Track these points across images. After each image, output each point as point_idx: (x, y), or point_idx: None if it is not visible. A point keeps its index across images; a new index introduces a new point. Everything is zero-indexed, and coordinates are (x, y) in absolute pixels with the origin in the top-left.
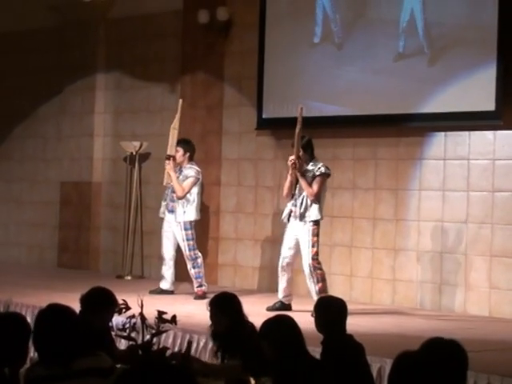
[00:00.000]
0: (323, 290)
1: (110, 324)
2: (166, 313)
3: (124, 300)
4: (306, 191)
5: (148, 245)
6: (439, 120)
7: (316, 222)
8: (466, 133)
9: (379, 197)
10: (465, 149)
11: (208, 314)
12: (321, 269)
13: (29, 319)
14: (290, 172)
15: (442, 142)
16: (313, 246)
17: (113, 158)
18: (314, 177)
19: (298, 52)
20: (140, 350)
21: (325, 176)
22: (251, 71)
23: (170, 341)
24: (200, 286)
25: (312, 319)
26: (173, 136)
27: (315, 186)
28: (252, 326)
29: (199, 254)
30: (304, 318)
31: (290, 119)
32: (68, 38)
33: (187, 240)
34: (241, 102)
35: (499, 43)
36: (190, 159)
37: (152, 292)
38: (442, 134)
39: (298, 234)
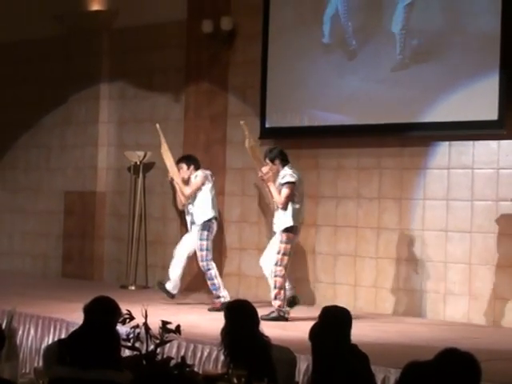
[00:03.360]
0: (279, 296)
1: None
2: (170, 323)
3: (128, 310)
4: (275, 200)
5: (152, 254)
6: (443, 129)
7: (287, 230)
8: (470, 142)
9: (383, 206)
10: (469, 158)
11: (213, 323)
12: (281, 277)
13: (32, 330)
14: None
15: (446, 152)
16: (278, 253)
17: (117, 168)
18: (282, 185)
19: (302, 62)
20: (144, 360)
21: (289, 184)
22: (255, 81)
23: (174, 351)
24: (217, 297)
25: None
26: (167, 158)
27: (282, 194)
28: (267, 340)
29: (212, 265)
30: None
31: (294, 128)
32: (72, 47)
33: (200, 240)
34: (245, 111)
35: (502, 52)
36: (197, 169)
37: (159, 284)
38: (446, 143)
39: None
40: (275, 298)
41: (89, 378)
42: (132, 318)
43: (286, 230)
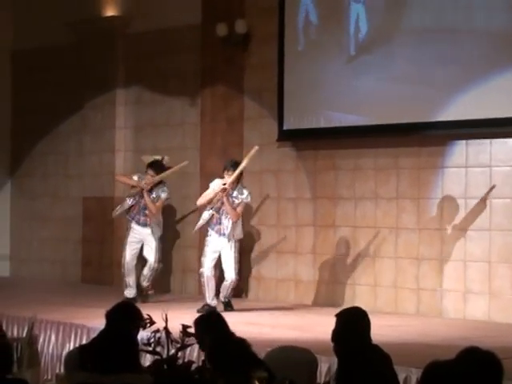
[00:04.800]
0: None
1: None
2: (190, 327)
3: (148, 315)
4: (231, 214)
5: (172, 259)
6: (459, 127)
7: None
8: (488, 140)
9: (402, 206)
10: (486, 156)
11: (231, 327)
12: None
13: (53, 336)
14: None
15: (463, 150)
16: (236, 263)
17: (134, 173)
18: (241, 202)
19: (318, 63)
20: (165, 365)
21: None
22: (271, 83)
23: (194, 355)
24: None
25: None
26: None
27: (239, 209)
28: (241, 341)
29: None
30: None
31: (311, 130)
32: (87, 54)
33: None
34: (261, 114)
35: None
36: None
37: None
38: (464, 142)
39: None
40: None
41: (109, 383)
42: (152, 323)
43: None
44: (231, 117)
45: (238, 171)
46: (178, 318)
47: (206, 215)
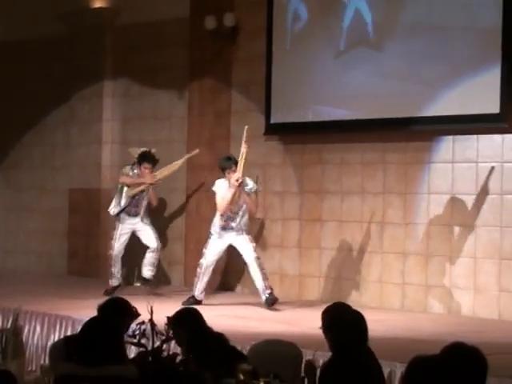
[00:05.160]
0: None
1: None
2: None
3: (134, 307)
4: (252, 206)
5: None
6: (446, 123)
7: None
8: (474, 136)
9: (388, 201)
10: (473, 152)
11: (219, 319)
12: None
13: (38, 327)
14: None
15: (450, 146)
16: (255, 251)
17: (121, 165)
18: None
19: (306, 57)
20: (150, 357)
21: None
22: (259, 77)
23: (179, 347)
24: None
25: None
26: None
27: (255, 200)
28: (219, 336)
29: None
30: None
31: (298, 124)
32: (75, 45)
33: None
34: (249, 107)
35: (504, 45)
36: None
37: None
38: (450, 137)
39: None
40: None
41: (94, 375)
42: (137, 315)
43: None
44: (219, 110)
45: (242, 160)
46: (163, 310)
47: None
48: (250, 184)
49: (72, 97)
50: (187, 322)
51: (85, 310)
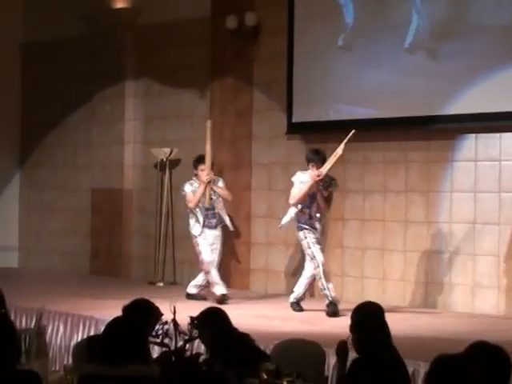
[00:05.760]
0: None
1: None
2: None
3: (157, 306)
4: (323, 205)
5: (180, 250)
6: (469, 121)
7: None
8: (497, 134)
9: (410, 199)
10: (496, 150)
11: (242, 319)
12: None
13: (61, 327)
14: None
15: (472, 144)
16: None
17: (143, 165)
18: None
19: (327, 55)
20: (173, 357)
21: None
22: (280, 75)
23: (203, 347)
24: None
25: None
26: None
27: (328, 201)
28: (243, 335)
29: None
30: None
31: (320, 123)
32: (97, 46)
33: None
34: (270, 106)
35: None
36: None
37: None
38: (473, 135)
39: None
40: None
41: (117, 374)
42: (160, 315)
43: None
44: (240, 109)
45: (334, 159)
46: (186, 309)
47: (292, 212)
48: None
49: (94, 97)
50: (212, 322)
51: (107, 310)
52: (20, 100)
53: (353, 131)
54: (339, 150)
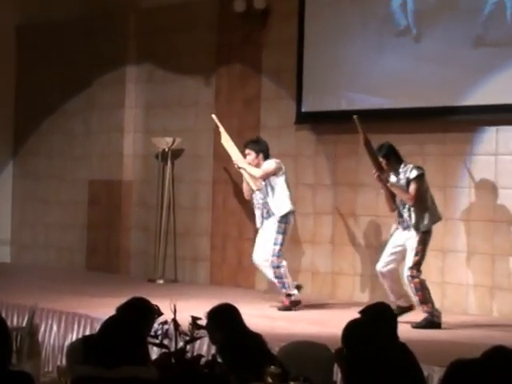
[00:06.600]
0: (423, 299)
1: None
2: (200, 318)
3: (156, 305)
4: (404, 198)
5: (181, 246)
6: (490, 112)
7: (424, 233)
8: None
9: None
10: None
11: (246, 319)
12: (418, 277)
13: (55, 326)
14: (381, 186)
15: (493, 137)
16: (416, 255)
17: (144, 155)
18: (409, 182)
19: (340, 41)
20: (173, 358)
21: (418, 179)
22: (290, 62)
23: (204, 348)
24: (288, 295)
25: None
26: (230, 146)
27: (411, 191)
28: (256, 336)
29: (283, 263)
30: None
31: (331, 113)
32: (97, 29)
33: (277, 234)
34: (279, 94)
35: None
36: (266, 159)
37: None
38: (493, 128)
39: (405, 242)
40: (420, 303)
41: (113, 376)
42: (160, 314)
43: (424, 233)
44: (248, 97)
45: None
46: (187, 309)
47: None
48: (413, 171)
49: (93, 82)
50: (225, 320)
51: (104, 309)
52: (14, 85)
53: (355, 117)
54: (363, 141)
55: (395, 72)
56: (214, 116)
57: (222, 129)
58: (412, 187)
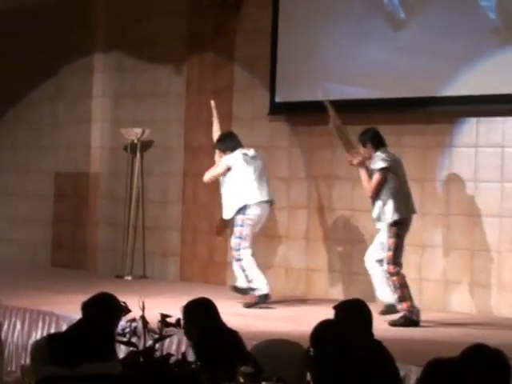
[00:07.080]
0: (403, 297)
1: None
2: (170, 316)
3: (124, 302)
4: (364, 187)
5: (150, 241)
6: (470, 103)
7: (393, 223)
8: (500, 118)
9: None
10: (498, 136)
11: None
12: (397, 274)
13: (19, 324)
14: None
15: (473, 128)
16: (389, 250)
17: (112, 147)
18: (372, 172)
19: (316, 30)
20: (141, 357)
21: (382, 171)
22: (264, 51)
23: (174, 347)
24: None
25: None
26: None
27: (372, 182)
28: (232, 332)
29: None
30: None
31: (306, 103)
32: (65, 15)
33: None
34: (252, 84)
35: None
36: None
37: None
38: (474, 119)
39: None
40: (399, 301)
41: (79, 375)
42: (128, 311)
43: (393, 224)
44: (220, 87)
45: (337, 132)
46: (155, 306)
47: None
48: (377, 163)
49: (59, 71)
50: (203, 315)
51: (70, 306)
52: None
53: (327, 101)
54: (330, 125)
55: (373, 61)
56: (212, 102)
57: (215, 118)
58: (373, 178)
